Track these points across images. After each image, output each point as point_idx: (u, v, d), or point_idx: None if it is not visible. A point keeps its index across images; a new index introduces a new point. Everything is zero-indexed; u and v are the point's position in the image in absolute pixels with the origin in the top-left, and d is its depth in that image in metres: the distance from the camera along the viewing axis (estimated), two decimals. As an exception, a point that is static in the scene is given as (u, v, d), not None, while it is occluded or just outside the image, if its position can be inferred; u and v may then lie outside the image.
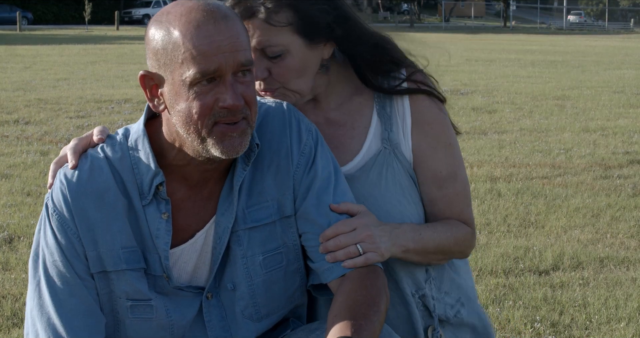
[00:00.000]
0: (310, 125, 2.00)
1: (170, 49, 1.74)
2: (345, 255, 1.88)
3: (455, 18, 77.78)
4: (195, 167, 1.86)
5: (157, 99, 1.82)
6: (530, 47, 31.59)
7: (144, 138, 1.86)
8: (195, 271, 1.92)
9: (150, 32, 1.79)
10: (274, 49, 1.99)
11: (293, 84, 2.04)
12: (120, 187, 1.85)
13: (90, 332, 1.83)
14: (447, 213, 2.16)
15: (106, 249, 1.84)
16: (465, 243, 2.17)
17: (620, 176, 7.30)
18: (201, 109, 1.74)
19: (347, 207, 1.94)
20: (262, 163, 1.93)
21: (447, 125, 2.16)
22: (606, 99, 13.28)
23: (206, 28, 1.72)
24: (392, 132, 2.13)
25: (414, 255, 2.05)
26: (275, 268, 1.94)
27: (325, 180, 1.94)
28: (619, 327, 3.88)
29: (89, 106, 11.60)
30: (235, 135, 1.77)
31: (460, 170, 2.17)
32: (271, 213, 1.92)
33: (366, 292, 1.81)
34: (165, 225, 1.86)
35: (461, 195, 2.16)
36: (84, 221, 1.83)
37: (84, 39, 32.53)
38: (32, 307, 1.85)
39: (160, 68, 1.77)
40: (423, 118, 2.13)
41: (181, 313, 1.90)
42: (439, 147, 2.14)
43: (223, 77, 1.74)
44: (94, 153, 1.88)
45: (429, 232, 2.08)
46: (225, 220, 1.89)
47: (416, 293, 2.15)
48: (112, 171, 1.86)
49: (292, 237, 1.95)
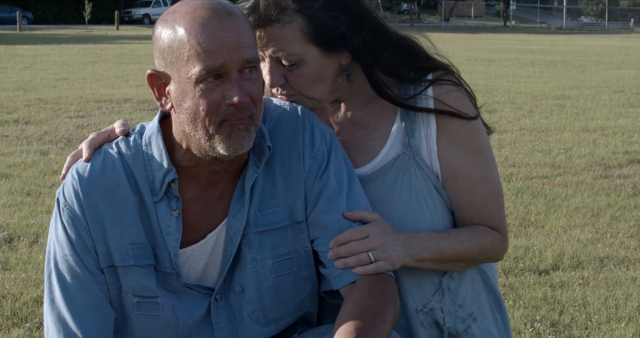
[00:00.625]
0: (325, 130, 1.98)
1: (176, 46, 1.75)
2: (356, 262, 1.87)
3: (455, 18, 77.77)
4: (202, 168, 1.87)
5: (165, 97, 1.83)
6: (530, 47, 31.58)
7: (158, 135, 1.87)
8: (205, 272, 1.93)
9: (157, 31, 1.80)
10: (289, 58, 1.97)
11: (310, 91, 2.02)
12: (132, 184, 1.87)
13: (98, 326, 1.85)
14: (476, 219, 2.10)
15: (115, 244, 1.85)
16: (493, 250, 2.10)
17: (620, 176, 7.30)
18: (208, 106, 1.74)
19: (361, 215, 1.93)
20: (274, 167, 1.93)
21: (475, 129, 2.09)
22: (606, 99, 13.28)
23: (211, 25, 1.73)
24: (414, 138, 2.08)
25: (430, 264, 2.02)
26: (285, 274, 1.93)
27: (338, 186, 1.93)
28: (619, 326, 3.88)
29: (89, 106, 11.60)
30: (242, 128, 1.77)
31: (491, 173, 2.10)
32: (283, 218, 1.92)
33: (374, 301, 1.80)
34: (175, 222, 1.86)
35: (492, 199, 2.10)
36: (94, 216, 1.84)
37: (84, 39, 32.52)
38: (45, 300, 1.89)
39: (167, 66, 1.78)
40: (450, 125, 2.06)
41: (188, 313, 1.90)
42: (468, 151, 2.07)
43: (229, 74, 1.75)
44: (107, 149, 1.90)
45: (449, 240, 2.03)
46: (237, 223, 1.89)
47: (422, 310, 2.11)
48: (125, 167, 1.87)
49: (303, 243, 1.94)
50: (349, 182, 1.95)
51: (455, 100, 2.07)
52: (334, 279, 1.90)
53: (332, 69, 2.03)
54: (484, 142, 2.10)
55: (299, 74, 1.99)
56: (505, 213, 2.15)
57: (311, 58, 1.98)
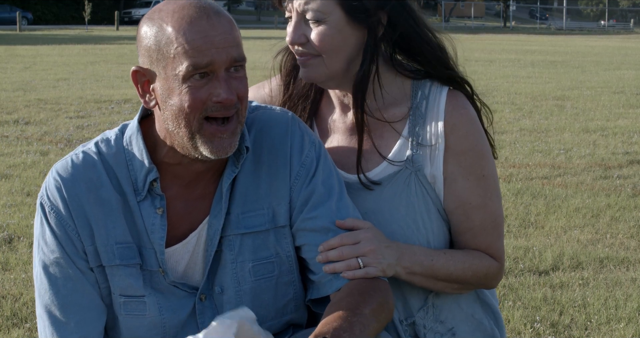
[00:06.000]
0: (314, 137, 1.99)
1: (163, 44, 1.76)
2: (345, 267, 1.87)
3: (455, 18, 77.79)
4: (186, 166, 1.87)
5: (149, 94, 1.83)
6: (530, 48, 31.58)
7: (138, 134, 1.88)
8: (186, 272, 1.92)
9: (142, 29, 1.81)
10: (313, 14, 1.98)
11: (327, 56, 2.01)
12: (115, 184, 1.87)
13: (94, 325, 1.86)
14: (472, 245, 2.07)
15: (101, 244, 1.86)
16: (487, 277, 2.07)
17: (620, 176, 7.30)
18: (194, 103, 1.75)
19: (353, 224, 1.92)
20: (260, 169, 1.93)
21: (483, 155, 2.06)
22: (606, 100, 13.28)
23: (199, 23, 1.74)
24: (417, 154, 2.05)
25: (421, 279, 2.00)
26: (265, 277, 1.93)
27: (327, 194, 1.92)
28: (618, 327, 3.88)
29: (88, 106, 11.60)
30: (225, 136, 1.79)
31: (492, 202, 2.07)
32: (265, 222, 1.92)
33: (352, 299, 1.79)
34: (160, 220, 1.87)
35: (490, 227, 2.07)
36: (80, 217, 1.85)
37: (84, 39, 32.52)
38: (37, 306, 1.89)
39: (152, 64, 1.79)
40: (458, 147, 2.04)
41: (173, 312, 1.90)
42: (472, 177, 2.05)
43: (216, 73, 1.76)
44: (87, 150, 1.90)
45: (444, 259, 2.01)
46: (217, 223, 1.89)
47: (404, 321, 2.09)
48: (106, 167, 1.88)
49: (286, 248, 1.94)
50: (339, 190, 1.95)
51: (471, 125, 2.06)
52: (324, 285, 1.89)
53: (351, 43, 2.02)
54: (489, 170, 2.07)
55: (320, 33, 1.99)
56: (503, 243, 2.13)
57: (334, 20, 1.99)
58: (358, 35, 2.02)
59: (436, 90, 2.08)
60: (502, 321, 2.23)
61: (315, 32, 2.00)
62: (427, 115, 2.06)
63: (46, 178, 1.90)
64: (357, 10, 1.99)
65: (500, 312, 2.23)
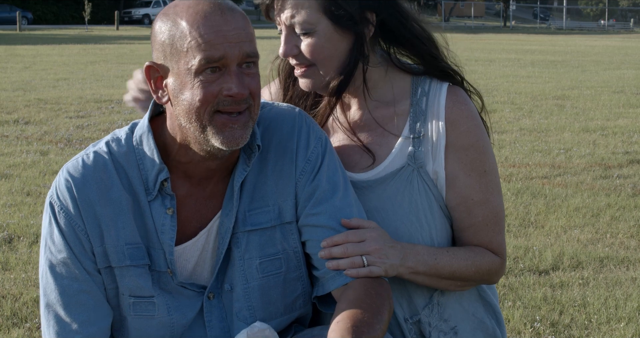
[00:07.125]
0: (321, 133, 1.99)
1: (177, 38, 1.77)
2: (349, 264, 1.87)
3: (455, 18, 77.76)
4: (197, 164, 1.87)
5: (161, 90, 1.84)
6: (530, 47, 31.58)
7: (149, 134, 1.88)
8: (195, 270, 1.93)
9: (157, 25, 1.82)
10: (301, 26, 1.99)
11: (321, 64, 2.02)
12: (125, 184, 1.87)
13: (99, 325, 1.85)
14: (474, 241, 2.08)
15: (111, 245, 1.85)
16: (489, 273, 2.08)
17: (620, 176, 7.30)
18: (205, 96, 1.75)
19: (359, 223, 1.92)
20: (267, 166, 1.93)
21: (485, 150, 2.07)
22: (606, 99, 13.28)
23: (213, 18, 1.76)
24: (419, 151, 2.06)
25: (424, 278, 2.00)
26: (273, 274, 1.93)
27: (331, 189, 1.92)
28: (618, 327, 3.88)
29: (88, 106, 11.60)
30: (237, 127, 1.79)
31: (494, 197, 2.07)
32: (271, 218, 1.92)
33: (371, 301, 1.80)
34: (170, 221, 1.87)
35: (491, 223, 2.07)
36: (90, 217, 1.85)
37: (83, 39, 32.52)
38: (41, 305, 1.89)
39: (165, 59, 1.80)
40: (459, 143, 2.05)
41: (182, 312, 1.90)
42: (473, 173, 2.05)
43: (228, 68, 1.76)
44: (98, 150, 1.89)
45: (447, 257, 2.02)
46: (228, 221, 1.89)
47: (409, 319, 2.10)
48: (117, 167, 1.87)
49: (292, 244, 1.94)
50: (344, 187, 1.95)
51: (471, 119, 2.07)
52: (327, 281, 1.90)
53: (345, 47, 2.03)
54: (490, 166, 2.08)
55: (310, 44, 2.00)
56: (505, 238, 2.14)
57: (322, 30, 2.00)
58: (349, 39, 2.03)
59: (436, 87, 2.08)
60: (503, 320, 2.23)
61: (305, 43, 2.01)
62: (427, 112, 2.07)
63: (56, 178, 1.89)
64: (342, 18, 2.00)
65: (501, 312, 2.24)
